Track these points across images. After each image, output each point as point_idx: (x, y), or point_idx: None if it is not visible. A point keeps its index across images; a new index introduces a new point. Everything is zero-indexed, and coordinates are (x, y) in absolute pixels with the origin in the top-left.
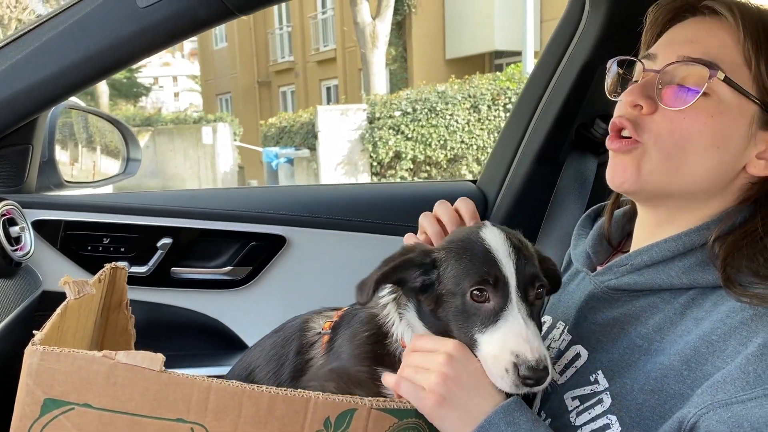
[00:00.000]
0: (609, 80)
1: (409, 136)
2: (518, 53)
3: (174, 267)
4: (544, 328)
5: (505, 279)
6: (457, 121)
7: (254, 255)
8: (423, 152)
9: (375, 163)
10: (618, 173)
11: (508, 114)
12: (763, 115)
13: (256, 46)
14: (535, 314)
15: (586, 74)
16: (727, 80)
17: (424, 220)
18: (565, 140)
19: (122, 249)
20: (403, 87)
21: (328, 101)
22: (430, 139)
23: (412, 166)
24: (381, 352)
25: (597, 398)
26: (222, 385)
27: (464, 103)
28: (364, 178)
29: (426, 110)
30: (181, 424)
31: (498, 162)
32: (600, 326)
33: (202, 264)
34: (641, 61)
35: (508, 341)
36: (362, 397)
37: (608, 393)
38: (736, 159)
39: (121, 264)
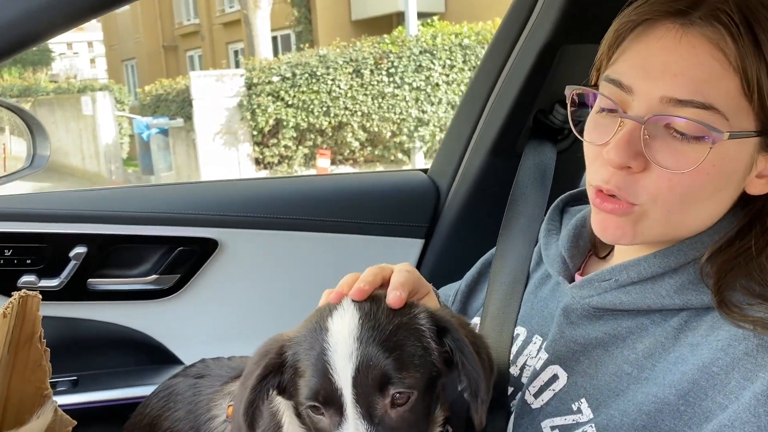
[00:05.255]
0: (573, 115)
1: (290, 102)
2: (425, 14)
3: (91, 278)
4: (519, 340)
5: (338, 393)
6: (339, 87)
7: (183, 261)
8: (305, 120)
9: (256, 132)
10: (610, 231)
11: (390, 79)
12: (763, 140)
13: (159, 8)
14: (396, 426)
15: (545, 57)
16: (732, 135)
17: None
18: (522, 128)
19: (28, 261)
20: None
21: (237, 65)
22: (312, 106)
23: (295, 135)
24: None
25: (581, 430)
26: None
27: (346, 68)
28: (246, 148)
29: (306, 75)
30: None
31: (450, 151)
32: (581, 346)
33: (123, 273)
34: (615, 104)
35: None
36: None
37: (593, 425)
38: (738, 189)
39: (32, 291)
